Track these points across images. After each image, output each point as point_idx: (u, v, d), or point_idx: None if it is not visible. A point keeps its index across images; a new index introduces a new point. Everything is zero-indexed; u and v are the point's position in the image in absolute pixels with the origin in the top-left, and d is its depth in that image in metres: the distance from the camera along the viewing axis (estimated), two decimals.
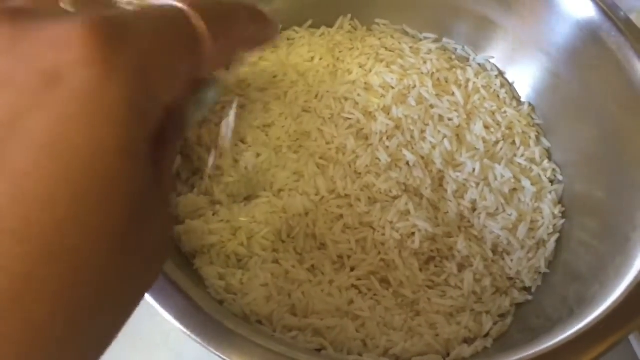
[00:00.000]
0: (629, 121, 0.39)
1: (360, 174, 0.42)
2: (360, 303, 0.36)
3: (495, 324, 0.37)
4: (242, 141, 0.43)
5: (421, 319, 0.37)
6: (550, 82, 0.45)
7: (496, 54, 0.48)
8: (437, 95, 0.46)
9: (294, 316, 0.35)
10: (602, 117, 0.41)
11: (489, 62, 0.49)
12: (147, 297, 0.29)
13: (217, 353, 0.28)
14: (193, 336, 0.29)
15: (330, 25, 0.50)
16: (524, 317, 0.38)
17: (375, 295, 0.38)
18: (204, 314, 0.30)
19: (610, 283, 0.32)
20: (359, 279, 0.38)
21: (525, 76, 0.47)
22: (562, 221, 0.41)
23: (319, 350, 0.34)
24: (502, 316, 0.38)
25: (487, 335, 0.37)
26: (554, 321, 0.33)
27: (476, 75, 0.47)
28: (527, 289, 0.40)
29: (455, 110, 0.45)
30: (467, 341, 0.36)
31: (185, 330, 0.29)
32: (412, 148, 0.43)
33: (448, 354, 0.35)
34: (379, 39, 0.50)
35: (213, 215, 0.39)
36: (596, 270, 0.35)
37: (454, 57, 0.49)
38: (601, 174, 0.41)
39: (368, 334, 0.35)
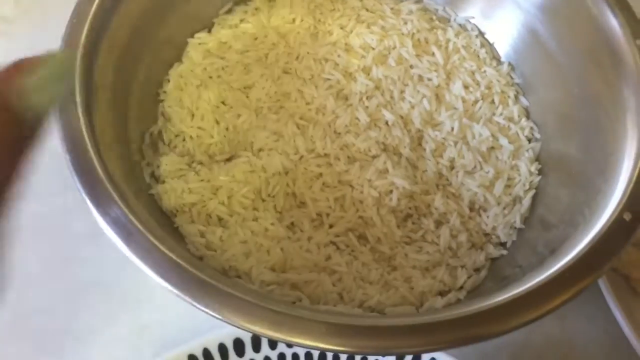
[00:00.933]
0: (603, 79, 0.39)
1: (339, 133, 0.42)
2: (337, 258, 0.37)
3: (469, 277, 0.38)
4: (223, 102, 0.43)
5: (397, 273, 0.38)
6: (529, 40, 0.45)
7: (475, 13, 0.48)
8: (417, 55, 0.46)
9: (272, 271, 0.36)
10: (578, 76, 0.41)
11: (470, 22, 0.49)
12: (129, 254, 0.30)
13: (194, 303, 0.29)
14: (171, 288, 0.29)
15: None
16: (498, 268, 0.39)
17: (352, 251, 0.38)
18: (182, 268, 0.30)
19: (580, 233, 0.33)
20: (337, 236, 0.39)
21: (505, 35, 0.47)
22: (538, 178, 0.42)
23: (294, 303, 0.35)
24: (477, 270, 0.39)
25: (461, 288, 0.37)
26: (525, 269, 0.34)
27: (456, 35, 0.48)
28: (502, 244, 0.40)
29: (435, 71, 0.46)
30: (442, 293, 0.37)
31: (164, 283, 0.30)
32: (392, 108, 0.44)
33: (422, 305, 0.36)
34: (360, 0, 0.49)
35: (194, 174, 0.39)
36: (568, 222, 0.36)
37: (434, 17, 0.49)
38: (576, 132, 0.41)
39: (344, 287, 0.36)
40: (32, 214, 0.45)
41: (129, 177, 0.36)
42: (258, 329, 0.28)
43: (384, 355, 0.34)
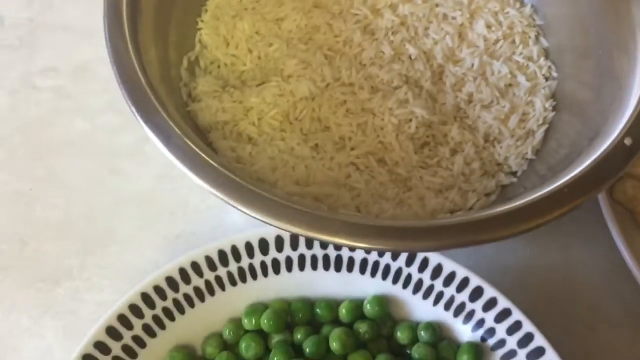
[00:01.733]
0: (621, 25, 0.40)
1: (364, 65, 0.45)
2: (357, 177, 0.40)
3: (478, 200, 0.41)
4: (257, 33, 0.46)
5: (412, 193, 0.40)
6: None
7: None
8: None
9: (296, 184, 0.39)
10: (598, 18, 0.43)
11: None
12: (169, 155, 0.33)
13: (226, 199, 0.32)
14: (207, 187, 0.32)
15: None
16: (506, 192, 0.41)
17: (371, 172, 0.41)
18: (217, 169, 0.33)
19: (583, 157, 0.35)
20: (358, 158, 0.42)
21: None
22: (552, 114, 0.44)
23: None
24: (488, 195, 0.42)
25: (470, 209, 0.40)
26: (527, 189, 0.36)
27: None
28: (513, 173, 0.43)
29: (459, 10, 0.47)
30: (452, 212, 0.40)
31: (200, 182, 0.33)
32: (415, 43, 0.46)
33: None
34: None
35: (227, 95, 0.42)
36: (575, 150, 0.38)
37: None
38: (591, 73, 0.43)
39: (362, 201, 0.39)
40: (79, 130, 0.49)
41: (169, 94, 0.39)
42: (282, 225, 0.31)
43: (396, 255, 0.38)
